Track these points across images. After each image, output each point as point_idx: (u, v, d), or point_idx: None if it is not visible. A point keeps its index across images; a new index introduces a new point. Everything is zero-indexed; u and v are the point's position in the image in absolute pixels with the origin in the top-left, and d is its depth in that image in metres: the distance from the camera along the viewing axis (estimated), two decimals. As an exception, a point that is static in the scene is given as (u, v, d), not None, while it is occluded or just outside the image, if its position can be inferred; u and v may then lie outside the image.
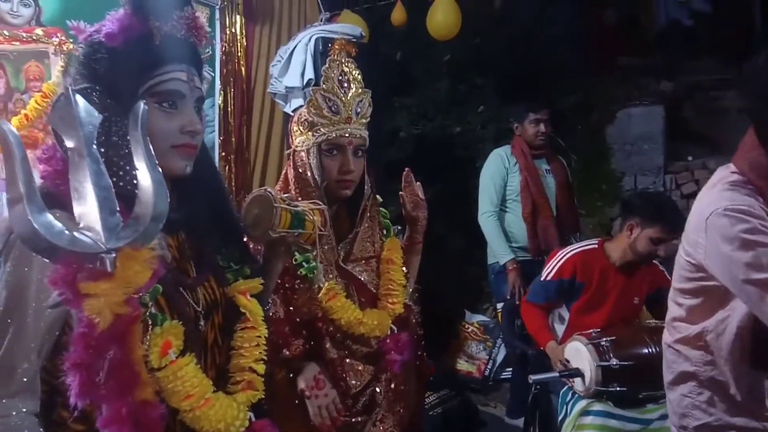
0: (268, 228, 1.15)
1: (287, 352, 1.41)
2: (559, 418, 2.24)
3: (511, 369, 3.46)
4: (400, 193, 1.67)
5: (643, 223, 2.26)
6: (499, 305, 3.03)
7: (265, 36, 3.40)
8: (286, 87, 2.95)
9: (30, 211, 0.69)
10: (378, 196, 1.63)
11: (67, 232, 0.71)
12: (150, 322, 0.89)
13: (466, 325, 3.79)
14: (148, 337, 0.87)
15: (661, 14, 4.88)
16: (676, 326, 1.38)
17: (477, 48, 3.99)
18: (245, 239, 1.20)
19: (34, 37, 2.37)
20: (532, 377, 2.22)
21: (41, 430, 0.86)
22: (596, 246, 2.44)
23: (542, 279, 2.46)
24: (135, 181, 0.77)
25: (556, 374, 2.22)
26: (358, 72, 1.50)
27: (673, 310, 1.41)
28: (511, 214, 3.18)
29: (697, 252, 1.27)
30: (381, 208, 1.64)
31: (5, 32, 2.30)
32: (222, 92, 3.28)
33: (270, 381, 1.36)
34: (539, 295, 2.46)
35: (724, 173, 1.28)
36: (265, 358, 1.08)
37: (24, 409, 0.86)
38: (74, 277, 0.71)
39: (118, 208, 0.77)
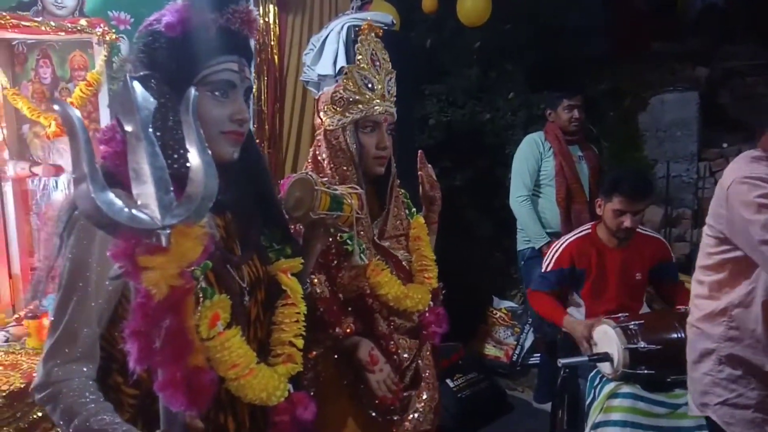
0: (309, 210, 1.21)
1: (339, 330, 1.43)
2: (587, 401, 2.27)
3: (538, 354, 3.48)
4: (419, 173, 1.71)
5: (605, 198, 2.39)
6: (530, 287, 3.05)
7: (297, 25, 3.44)
8: (319, 75, 2.99)
9: (93, 189, 0.75)
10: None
11: (126, 209, 0.77)
12: (201, 296, 0.95)
13: (494, 311, 3.82)
14: (198, 309, 0.93)
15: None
16: (699, 304, 1.42)
17: (507, 34, 3.97)
18: (287, 221, 1.25)
19: (79, 28, 2.45)
20: (561, 361, 2.24)
21: (100, 393, 0.93)
22: (590, 230, 2.50)
23: (543, 270, 2.53)
24: (187, 163, 0.82)
25: (585, 358, 2.24)
26: (385, 51, 1.54)
27: (695, 289, 1.45)
28: (543, 198, 3.19)
29: (720, 223, 1.33)
30: (402, 190, 1.68)
31: (51, 23, 2.39)
32: (256, 81, 3.34)
33: (320, 361, 1.42)
34: (542, 284, 2.52)
35: (748, 152, 1.35)
36: (304, 333, 1.14)
37: (84, 374, 0.93)
38: (133, 252, 0.77)
39: (172, 188, 0.82)
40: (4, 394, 1.79)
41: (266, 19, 3.39)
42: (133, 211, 0.78)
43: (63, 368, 0.92)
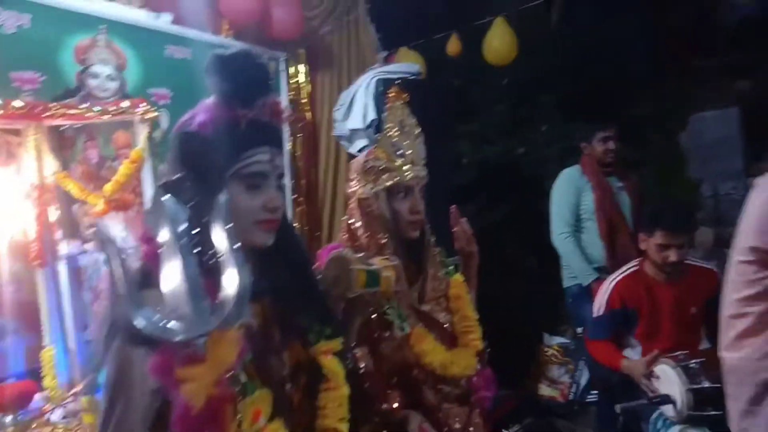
0: (346, 289, 1.22)
1: (386, 405, 1.40)
2: (651, 447, 2.17)
3: (596, 392, 3.36)
4: (454, 229, 1.69)
5: (647, 233, 2.32)
6: (580, 330, 2.97)
7: (327, 81, 3.54)
8: (350, 129, 3.06)
9: (131, 308, 0.78)
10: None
11: (161, 323, 0.80)
12: (240, 393, 0.96)
13: (546, 349, 3.72)
14: (239, 407, 0.94)
15: (733, 9, 4.66)
16: (748, 340, 1.33)
17: (536, 67, 3.97)
18: (325, 301, 1.26)
19: (121, 110, 2.58)
20: (619, 406, 2.16)
21: None
22: (637, 267, 2.41)
23: (594, 316, 2.44)
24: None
25: (644, 401, 2.16)
26: (413, 116, 1.56)
27: (737, 326, 1.35)
28: (586, 234, 3.13)
29: (761, 242, 1.25)
30: (437, 248, 1.66)
31: (96, 108, 2.52)
32: (291, 138, 3.43)
33: None
34: (598, 331, 2.44)
35: None
36: (348, 417, 1.13)
37: None
38: (171, 365, 0.79)
39: (205, 295, 0.85)
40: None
41: (297, 78, 3.51)
42: (168, 324, 0.81)
43: None
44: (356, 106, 2.98)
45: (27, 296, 2.54)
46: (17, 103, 2.26)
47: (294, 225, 1.25)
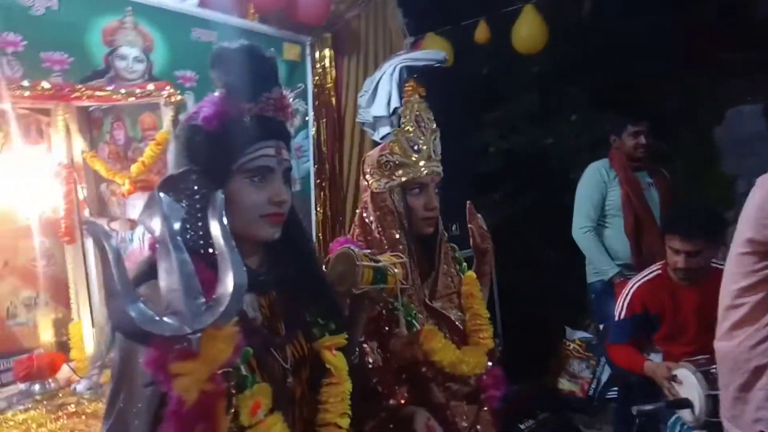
0: (352, 285, 1.21)
1: (393, 401, 1.40)
2: (668, 450, 2.14)
3: (616, 389, 3.31)
4: (469, 225, 1.67)
5: (666, 235, 2.28)
6: (602, 325, 2.92)
7: (353, 67, 3.52)
8: (374, 116, 3.04)
9: (125, 302, 0.79)
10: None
11: (156, 318, 0.81)
12: (239, 386, 0.97)
13: (567, 343, 3.68)
14: (234, 400, 0.95)
15: (765, 3, 4.45)
16: (741, 329, 1.41)
17: (566, 57, 3.88)
18: (332, 295, 1.26)
19: (147, 92, 2.61)
20: (635, 409, 2.12)
21: None
22: (660, 270, 2.34)
23: (617, 319, 2.39)
24: None
25: (662, 404, 2.11)
26: (429, 111, 1.54)
27: (733, 315, 1.43)
28: (611, 229, 3.06)
29: (760, 234, 1.31)
30: (451, 244, 1.65)
31: (122, 90, 2.56)
32: (315, 123, 3.43)
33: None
34: (619, 335, 2.39)
35: None
36: (350, 412, 1.13)
37: None
38: (165, 360, 0.79)
39: (201, 291, 0.85)
40: (86, 444, 1.90)
41: (323, 63, 3.50)
42: (164, 319, 0.82)
43: None
44: (380, 93, 2.96)
45: (57, 271, 2.62)
46: (45, 84, 2.30)
47: (300, 219, 1.23)
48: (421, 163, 1.48)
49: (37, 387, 2.33)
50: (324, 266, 1.31)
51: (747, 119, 3.75)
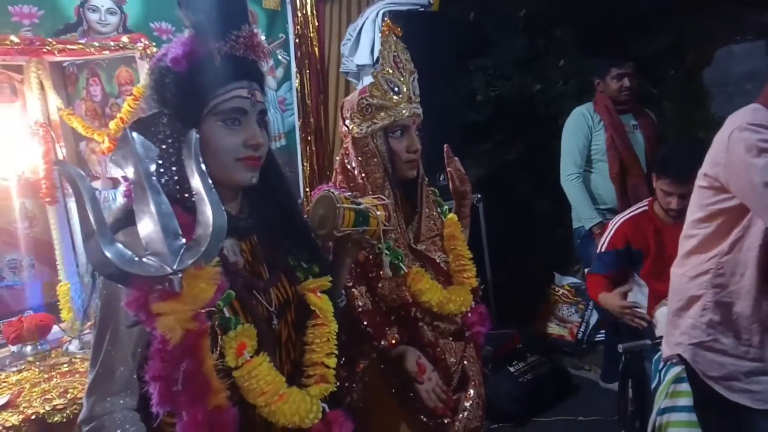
0: (333, 228, 1.21)
1: (384, 342, 1.43)
2: (653, 385, 2.18)
3: (604, 331, 3.38)
4: (448, 168, 1.67)
5: (657, 176, 2.28)
6: (587, 270, 2.95)
7: (335, 14, 3.42)
8: (357, 65, 2.97)
9: (102, 243, 0.77)
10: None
11: (136, 258, 0.79)
12: (223, 327, 0.97)
13: (557, 288, 3.72)
14: (220, 340, 0.95)
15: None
16: (689, 256, 1.52)
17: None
18: (314, 239, 1.25)
19: (121, 45, 2.53)
20: (621, 346, 2.16)
21: (141, 423, 0.97)
22: (646, 207, 2.37)
23: (598, 251, 2.44)
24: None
25: (647, 342, 2.16)
26: (406, 51, 1.52)
27: (686, 244, 1.54)
28: (597, 174, 3.06)
29: (718, 171, 1.39)
30: (431, 188, 1.66)
31: (95, 44, 2.48)
32: (298, 75, 3.35)
33: (367, 372, 1.43)
34: (599, 266, 2.44)
35: (749, 105, 1.40)
36: (336, 352, 1.14)
37: (125, 406, 0.97)
38: (146, 299, 0.79)
39: (180, 232, 0.84)
40: (79, 401, 1.91)
41: (304, 11, 3.39)
42: (143, 259, 0.80)
43: (103, 402, 0.96)
44: (363, 41, 2.89)
45: (40, 233, 2.59)
46: (14, 38, 2.22)
47: (280, 162, 1.21)
48: (402, 104, 1.46)
49: (29, 348, 2.33)
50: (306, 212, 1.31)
51: (736, 59, 3.71)
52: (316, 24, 3.41)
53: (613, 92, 3.01)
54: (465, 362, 1.57)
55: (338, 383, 1.15)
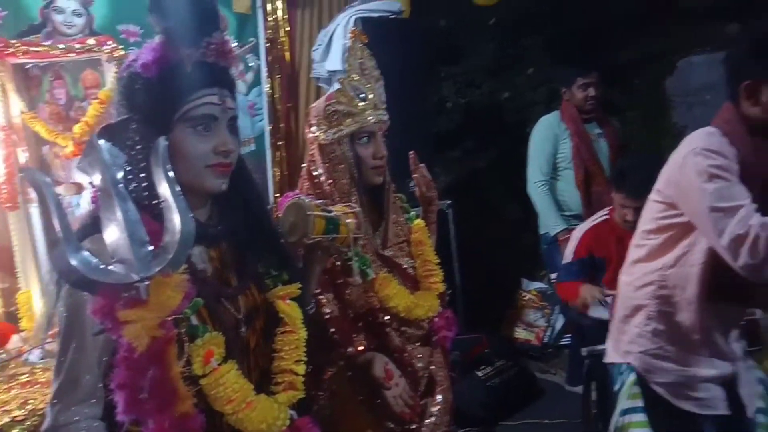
0: (304, 235, 1.21)
1: (351, 349, 1.43)
2: (615, 387, 2.24)
3: (570, 335, 3.44)
4: (414, 175, 1.69)
5: (614, 189, 2.35)
6: (553, 275, 3.01)
7: (306, 19, 3.42)
8: (328, 71, 2.98)
9: (68, 251, 0.76)
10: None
11: (102, 266, 0.79)
12: (191, 335, 0.96)
13: (524, 294, 3.78)
14: (186, 348, 0.94)
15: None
16: (636, 265, 1.58)
17: (523, 8, 3.86)
18: (283, 246, 1.25)
19: (87, 47, 2.50)
20: (585, 350, 2.21)
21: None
22: (607, 216, 2.43)
23: (564, 261, 2.52)
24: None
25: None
26: (372, 59, 1.54)
27: (634, 253, 1.60)
28: (563, 182, 3.12)
29: (670, 189, 1.46)
30: (398, 194, 1.67)
31: (60, 45, 2.44)
32: (269, 79, 3.34)
33: (334, 379, 1.44)
34: (567, 276, 2.50)
35: (703, 128, 1.46)
36: (305, 359, 1.15)
37: (89, 415, 0.96)
38: (112, 307, 0.78)
39: (147, 239, 0.83)
40: (40, 412, 1.87)
41: (275, 16, 3.39)
42: (110, 267, 0.80)
43: (68, 412, 0.95)
44: (334, 47, 2.90)
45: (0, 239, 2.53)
46: (-26, 39, 2.17)
47: (249, 169, 1.21)
48: (368, 111, 1.47)
49: (-13, 358, 2.28)
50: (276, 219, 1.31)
51: (696, 70, 3.83)
52: (288, 29, 3.41)
53: (578, 101, 3.07)
54: (432, 367, 1.59)
55: (306, 390, 1.16)
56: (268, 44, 3.36)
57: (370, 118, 1.47)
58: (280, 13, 3.38)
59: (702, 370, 1.50)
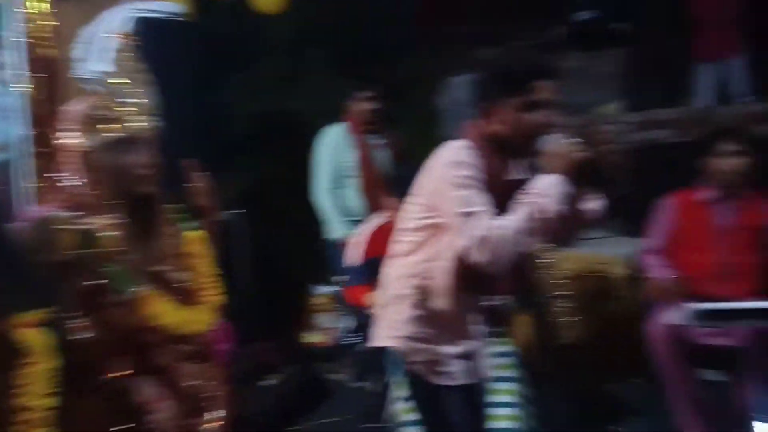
0: (54, 252, 1.12)
1: (114, 373, 1.36)
2: (389, 377, 2.41)
3: (360, 335, 3.61)
4: (189, 185, 1.67)
5: (393, 194, 2.62)
6: (341, 278, 3.16)
7: (73, 14, 3.11)
8: (92, 71, 2.75)
9: None
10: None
11: None
12: None
13: (315, 298, 3.89)
14: None
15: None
16: (398, 259, 1.76)
17: (309, 22, 3.98)
18: (25, 268, 1.14)
19: None
20: (366, 345, 2.35)
21: None
22: (390, 218, 2.65)
23: (351, 265, 2.67)
24: None
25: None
26: (142, 60, 1.50)
27: (396, 248, 1.78)
28: (348, 189, 3.30)
29: (428, 194, 1.65)
30: (175, 205, 1.63)
31: None
32: (25, 79, 2.97)
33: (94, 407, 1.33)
34: (356, 279, 2.66)
35: (455, 141, 1.67)
36: (54, 390, 1.06)
37: None
38: None
39: None
40: None
41: (39, 9, 3.02)
42: None
43: None
44: (100, 46, 2.69)
45: None
46: None
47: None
48: (135, 117, 1.42)
49: None
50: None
51: (459, 88, 4.34)
52: (54, 24, 3.06)
53: (361, 114, 3.29)
54: (206, 383, 1.56)
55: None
56: (31, 40, 2.99)
57: (136, 124, 1.41)
58: (44, 5, 3.03)
59: (451, 348, 1.70)
